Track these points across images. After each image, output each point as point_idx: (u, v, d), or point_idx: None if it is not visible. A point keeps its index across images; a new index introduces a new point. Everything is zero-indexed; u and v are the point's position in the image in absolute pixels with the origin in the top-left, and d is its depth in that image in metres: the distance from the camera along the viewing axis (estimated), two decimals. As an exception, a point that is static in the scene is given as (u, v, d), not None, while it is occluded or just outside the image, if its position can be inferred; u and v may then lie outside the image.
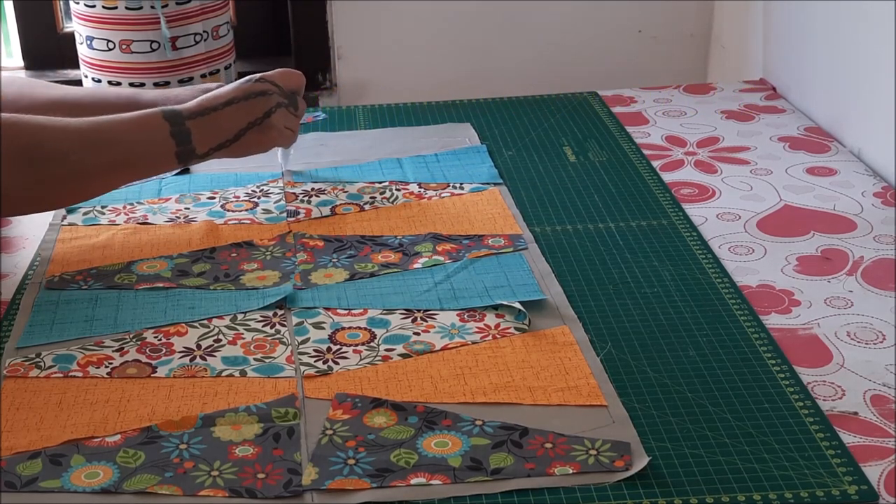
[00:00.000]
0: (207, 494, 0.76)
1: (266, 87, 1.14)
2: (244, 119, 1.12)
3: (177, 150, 1.09)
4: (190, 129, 1.09)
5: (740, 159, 1.28)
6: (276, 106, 1.14)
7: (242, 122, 1.12)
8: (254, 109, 1.13)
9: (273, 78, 1.16)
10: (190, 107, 1.10)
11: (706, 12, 1.98)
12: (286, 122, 1.16)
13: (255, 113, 1.13)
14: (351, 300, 1.00)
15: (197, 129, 1.09)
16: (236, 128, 1.12)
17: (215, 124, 1.11)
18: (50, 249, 1.11)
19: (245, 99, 1.12)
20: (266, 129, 1.14)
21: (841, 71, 1.35)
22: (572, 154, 1.31)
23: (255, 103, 1.13)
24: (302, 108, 1.19)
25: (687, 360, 0.90)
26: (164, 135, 1.08)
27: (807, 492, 0.75)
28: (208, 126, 1.10)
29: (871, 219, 1.13)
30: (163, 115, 1.08)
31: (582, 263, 1.06)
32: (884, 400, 0.85)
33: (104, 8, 1.72)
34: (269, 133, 1.14)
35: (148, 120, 1.08)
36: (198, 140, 1.09)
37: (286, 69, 1.18)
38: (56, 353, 0.93)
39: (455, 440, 0.81)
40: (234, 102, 1.12)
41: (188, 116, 1.09)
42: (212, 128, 1.10)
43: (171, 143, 1.08)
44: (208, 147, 1.11)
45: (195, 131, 1.09)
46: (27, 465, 0.79)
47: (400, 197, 1.20)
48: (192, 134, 1.09)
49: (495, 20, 1.98)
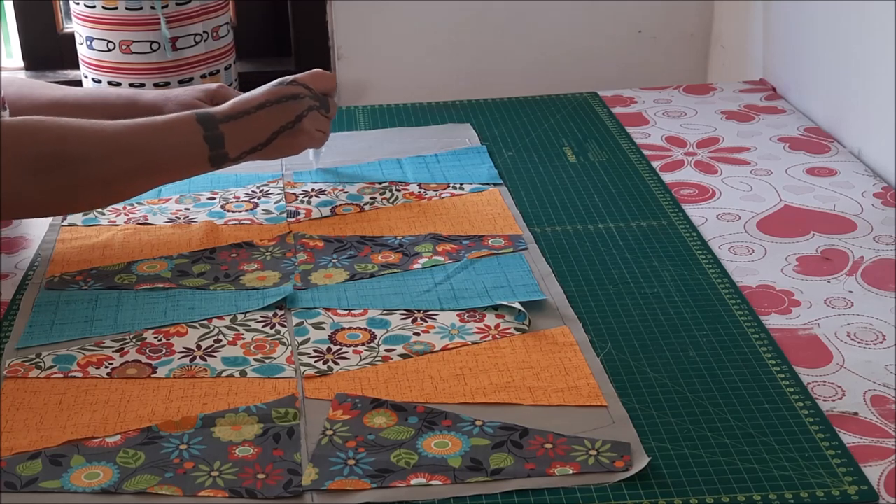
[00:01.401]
0: (207, 495, 0.76)
1: (297, 90, 1.14)
2: (276, 122, 1.12)
3: (210, 153, 1.09)
4: (223, 133, 1.09)
5: (740, 160, 1.28)
6: (307, 109, 1.14)
7: (274, 126, 1.12)
8: (285, 113, 1.13)
9: (304, 80, 1.16)
10: (223, 110, 1.11)
11: (706, 12, 1.98)
12: (317, 125, 1.16)
13: (287, 116, 1.13)
14: (351, 300, 1.00)
15: (230, 132, 1.09)
16: (268, 131, 1.12)
17: (248, 128, 1.11)
18: (50, 250, 1.11)
19: (277, 102, 1.12)
20: (297, 133, 1.14)
21: (841, 71, 1.35)
22: (572, 154, 1.32)
23: (286, 107, 1.13)
24: (333, 110, 1.19)
25: (687, 361, 0.90)
26: (197, 138, 1.08)
27: (807, 492, 0.75)
28: (241, 130, 1.10)
29: (871, 219, 1.13)
30: (196, 118, 1.09)
31: (582, 263, 1.06)
32: (884, 400, 0.85)
33: (104, 8, 1.72)
34: (301, 136, 1.15)
35: (181, 123, 1.08)
36: (230, 144, 1.10)
37: (318, 71, 1.19)
38: (56, 353, 0.93)
39: (455, 440, 0.81)
40: (266, 106, 1.12)
41: (221, 120, 1.09)
42: (244, 131, 1.11)
43: (204, 146, 1.08)
44: (241, 151, 1.11)
45: (228, 135, 1.09)
46: (27, 466, 0.79)
47: (400, 197, 1.20)
48: (224, 137, 1.09)
49: (495, 20, 1.98)
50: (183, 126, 1.08)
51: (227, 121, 1.10)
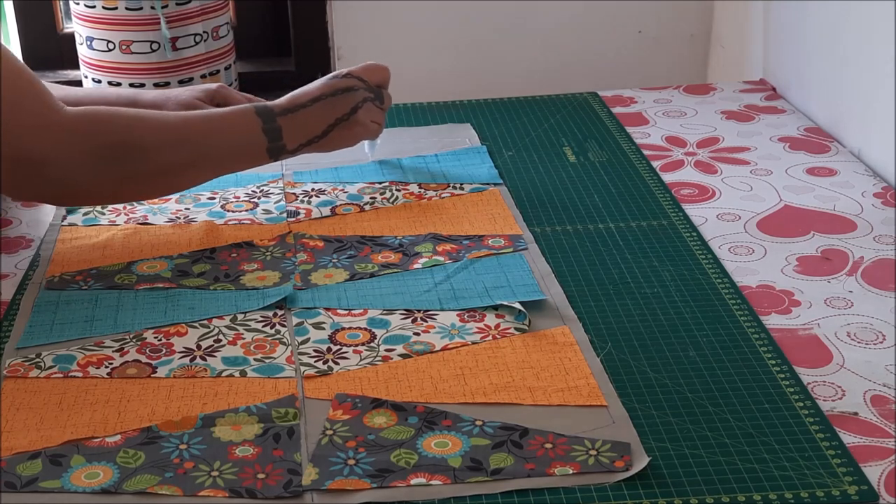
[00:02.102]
0: (207, 495, 0.76)
1: (352, 82, 1.17)
2: (332, 115, 1.15)
3: (268, 146, 1.11)
4: (280, 126, 1.11)
5: (740, 160, 1.28)
6: (362, 101, 1.17)
7: (330, 119, 1.15)
8: (341, 106, 1.15)
9: (359, 73, 1.18)
10: (280, 103, 1.13)
11: (706, 12, 1.98)
12: (372, 117, 1.19)
13: (343, 109, 1.15)
14: (351, 300, 1.00)
15: (287, 125, 1.12)
16: (324, 124, 1.15)
17: (304, 121, 1.13)
18: (50, 250, 1.11)
19: (332, 95, 1.15)
20: (353, 125, 1.16)
21: (841, 71, 1.35)
22: (572, 154, 1.32)
23: (341, 99, 1.15)
24: (388, 102, 1.21)
25: (687, 361, 0.90)
26: (256, 131, 1.10)
27: (807, 492, 0.75)
28: (298, 123, 1.13)
29: (871, 219, 1.13)
30: (255, 111, 1.11)
31: (582, 263, 1.06)
32: (884, 400, 0.85)
33: (104, 8, 1.72)
34: (356, 128, 1.17)
35: (240, 116, 1.11)
36: (288, 136, 1.12)
37: (372, 63, 1.21)
38: (56, 353, 0.93)
39: (455, 440, 0.81)
40: (321, 99, 1.14)
41: (279, 113, 1.12)
42: (301, 124, 1.13)
43: (262, 138, 1.11)
44: (298, 143, 1.13)
45: (285, 128, 1.12)
46: (27, 466, 0.79)
47: (400, 197, 1.20)
48: (282, 130, 1.11)
49: (495, 20, 1.98)
50: (242, 119, 1.11)
51: (285, 114, 1.12)
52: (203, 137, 1.08)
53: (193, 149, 1.08)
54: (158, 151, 1.05)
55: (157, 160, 1.06)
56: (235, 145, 1.11)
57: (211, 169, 1.11)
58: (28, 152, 1.00)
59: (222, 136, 1.09)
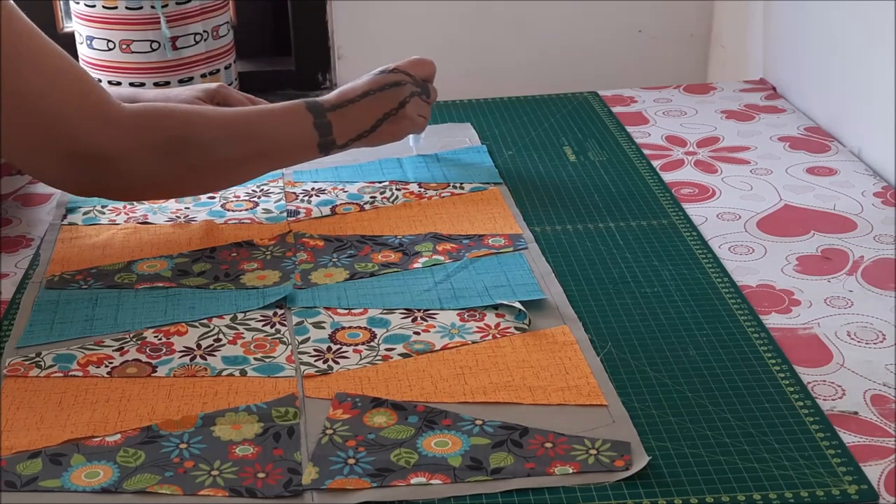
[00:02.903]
0: (207, 494, 0.76)
1: (399, 77, 1.18)
2: (380, 110, 1.17)
3: (319, 140, 1.13)
4: (331, 121, 1.13)
5: (740, 159, 1.29)
6: (409, 95, 1.19)
7: (378, 113, 1.17)
8: (389, 100, 1.17)
9: (405, 68, 1.20)
10: (329, 99, 1.15)
11: (706, 12, 1.99)
12: (419, 111, 1.21)
13: (391, 104, 1.17)
14: (351, 300, 1.00)
15: (337, 120, 1.14)
16: (373, 118, 1.16)
17: (353, 116, 1.15)
18: (50, 249, 1.11)
19: (380, 90, 1.17)
20: (400, 119, 1.18)
21: (841, 71, 1.35)
22: (572, 154, 1.32)
23: (389, 94, 1.17)
24: (434, 96, 1.23)
25: (687, 360, 0.90)
26: (307, 126, 1.12)
27: (807, 491, 0.75)
28: (347, 118, 1.14)
29: (871, 218, 1.13)
30: (306, 106, 1.13)
31: (582, 263, 1.06)
32: (884, 400, 0.85)
33: (104, 8, 1.72)
34: (403, 122, 1.19)
35: (292, 112, 1.12)
36: (338, 131, 1.14)
37: (418, 58, 1.22)
38: (56, 352, 0.93)
39: (455, 440, 0.81)
40: (369, 94, 1.16)
41: (329, 108, 1.14)
42: (350, 119, 1.15)
43: (314, 134, 1.13)
44: (347, 138, 1.15)
45: (335, 123, 1.14)
46: (27, 465, 0.79)
47: (400, 197, 1.20)
48: (332, 125, 1.13)
49: (495, 20, 1.98)
50: (294, 114, 1.12)
51: (334, 109, 1.14)
52: (258, 133, 1.10)
53: (249, 144, 1.10)
54: (216, 146, 1.07)
55: (216, 155, 1.08)
56: (288, 140, 1.13)
57: (265, 163, 1.14)
58: (94, 147, 1.02)
59: (276, 131, 1.11)
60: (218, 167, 1.09)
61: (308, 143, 1.13)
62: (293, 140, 1.13)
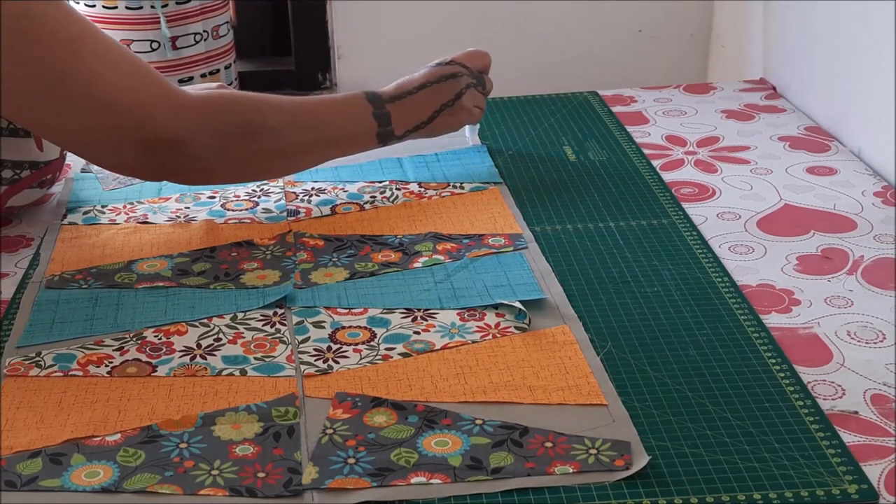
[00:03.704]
0: (207, 493, 0.76)
1: (456, 69, 1.21)
2: (437, 101, 1.19)
3: (378, 130, 1.15)
4: (389, 112, 1.16)
5: (740, 159, 1.29)
6: (465, 87, 1.21)
7: (436, 105, 1.19)
8: (446, 92, 1.20)
9: (462, 60, 1.22)
10: (388, 90, 1.17)
11: (706, 12, 1.99)
12: (475, 102, 1.23)
13: (448, 95, 1.20)
14: (351, 299, 1.00)
15: (395, 111, 1.16)
16: (430, 110, 1.19)
17: (411, 107, 1.17)
18: (50, 249, 1.11)
19: (437, 82, 1.19)
20: (457, 111, 1.21)
21: (841, 71, 1.35)
22: (572, 154, 1.32)
23: (446, 86, 1.20)
24: (489, 87, 1.25)
25: (687, 360, 0.90)
26: (367, 116, 1.15)
27: (807, 491, 0.75)
28: (405, 109, 1.17)
29: (871, 218, 1.13)
30: (365, 97, 1.15)
31: (582, 263, 1.06)
32: (884, 399, 0.85)
33: (104, 8, 1.72)
34: (460, 114, 1.22)
35: (352, 102, 1.15)
36: (396, 122, 1.16)
37: (474, 50, 1.24)
38: (56, 352, 0.93)
39: (455, 439, 0.81)
40: (427, 86, 1.18)
41: (387, 100, 1.16)
42: (408, 110, 1.17)
43: (373, 124, 1.15)
44: (405, 129, 1.18)
45: (394, 114, 1.16)
46: (27, 464, 0.79)
47: (400, 196, 1.20)
48: (391, 116, 1.16)
49: (495, 20, 1.98)
50: (354, 104, 1.15)
51: (393, 101, 1.16)
52: (321, 120, 1.12)
53: (313, 131, 1.12)
54: (283, 132, 1.09)
55: (283, 140, 1.09)
56: (349, 129, 1.15)
57: (327, 151, 1.15)
58: (164, 132, 1.03)
59: (338, 119, 1.14)
60: (284, 153, 1.11)
61: (368, 133, 1.15)
62: (354, 129, 1.15)
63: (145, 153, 1.04)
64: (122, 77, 1.02)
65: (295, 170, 1.16)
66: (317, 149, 1.14)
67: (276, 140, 1.09)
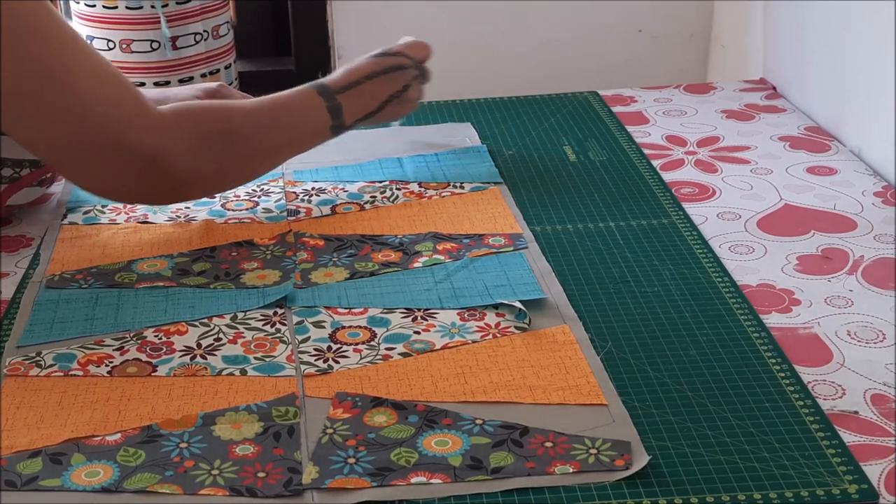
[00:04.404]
0: (208, 493, 0.76)
1: (402, 60, 1.20)
2: (386, 91, 1.19)
3: (332, 123, 1.15)
4: (341, 104, 1.15)
5: (740, 159, 1.29)
6: (412, 78, 1.21)
7: (384, 95, 1.19)
8: (394, 83, 1.19)
9: (405, 51, 1.22)
10: (337, 80, 1.16)
11: (706, 12, 1.99)
12: (417, 93, 1.23)
13: (396, 86, 1.19)
14: (351, 299, 1.00)
15: (346, 102, 1.15)
16: (379, 100, 1.18)
17: (361, 97, 1.17)
18: (50, 249, 1.11)
19: (384, 72, 1.18)
20: (404, 101, 1.21)
21: (841, 71, 1.35)
22: (572, 154, 1.32)
23: (394, 77, 1.19)
24: (429, 78, 1.25)
25: (687, 360, 0.90)
26: (322, 111, 1.14)
27: (807, 491, 0.75)
28: (355, 99, 1.16)
29: (872, 218, 1.13)
30: (317, 91, 1.14)
31: (582, 263, 1.06)
32: (884, 399, 0.85)
33: (104, 8, 1.72)
34: (406, 104, 1.22)
35: (306, 98, 1.14)
36: (347, 113, 1.16)
37: (414, 40, 1.24)
38: (56, 351, 0.93)
39: (455, 439, 0.81)
40: (374, 76, 1.18)
41: (338, 91, 1.15)
42: (358, 101, 1.16)
43: (327, 117, 1.14)
44: (354, 119, 1.17)
45: (345, 104, 1.15)
46: (27, 464, 0.79)
47: (400, 196, 1.20)
48: (342, 107, 1.15)
49: (495, 20, 1.98)
50: (309, 99, 1.14)
51: (343, 91, 1.15)
52: (282, 120, 1.12)
53: (277, 132, 1.11)
54: (252, 136, 1.09)
55: (252, 145, 1.09)
56: (308, 125, 1.14)
57: (292, 149, 1.15)
58: (140, 146, 1.02)
59: (297, 117, 1.13)
60: (257, 156, 1.11)
61: (322, 127, 1.15)
62: (312, 125, 1.14)
63: (120, 169, 1.02)
64: (101, 88, 1.00)
65: (262, 172, 1.15)
66: (286, 147, 1.13)
67: (247, 145, 1.09)
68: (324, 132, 1.15)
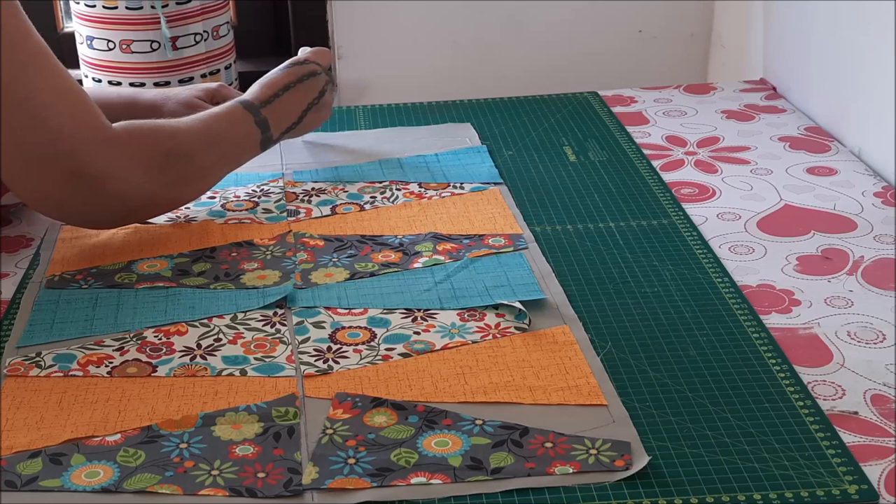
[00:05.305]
0: (207, 494, 0.76)
1: (313, 67, 1.21)
2: (304, 101, 1.20)
3: (261, 137, 1.15)
4: (266, 117, 1.15)
5: (740, 159, 1.29)
6: (325, 84, 1.22)
7: (303, 104, 1.20)
8: (310, 90, 1.20)
9: (314, 58, 1.22)
10: (256, 95, 1.17)
11: (706, 12, 1.98)
12: (331, 98, 1.24)
13: (312, 94, 1.20)
14: (351, 299, 1.00)
15: (270, 115, 1.16)
16: (299, 109, 1.19)
17: (282, 109, 1.17)
18: (50, 249, 1.11)
19: (299, 81, 1.19)
20: (321, 107, 1.22)
21: (841, 71, 1.35)
22: (572, 154, 1.32)
23: (309, 84, 1.20)
24: (336, 84, 1.24)
25: (687, 360, 0.90)
26: (251, 125, 1.14)
27: (807, 491, 0.75)
28: (278, 111, 1.17)
29: (872, 218, 1.13)
30: (242, 106, 1.14)
31: (582, 263, 1.06)
32: (884, 399, 0.85)
33: (104, 8, 1.72)
34: (324, 110, 1.23)
35: (235, 114, 1.14)
36: (273, 126, 1.16)
37: (318, 48, 1.25)
38: (56, 352, 0.93)
39: (455, 439, 0.81)
40: (291, 87, 1.18)
41: (261, 105, 1.16)
42: (280, 113, 1.17)
43: (257, 131, 1.15)
44: (279, 132, 1.18)
45: (270, 118, 1.16)
46: (27, 465, 0.79)
47: (400, 196, 1.20)
48: (268, 121, 1.15)
49: (495, 20, 1.98)
50: (237, 115, 1.14)
51: (265, 105, 1.16)
52: (218, 137, 1.11)
53: (215, 149, 1.11)
54: (195, 155, 1.08)
55: (195, 164, 1.09)
56: (241, 141, 1.14)
57: (228, 166, 1.15)
58: (91, 166, 1.01)
59: (231, 133, 1.12)
60: (201, 175, 1.10)
61: (253, 142, 1.15)
62: (245, 140, 1.14)
63: (69, 185, 1.01)
64: (61, 101, 1.00)
65: (203, 191, 1.14)
66: (224, 163, 1.13)
67: (195, 163, 1.09)
68: (254, 147, 1.15)
